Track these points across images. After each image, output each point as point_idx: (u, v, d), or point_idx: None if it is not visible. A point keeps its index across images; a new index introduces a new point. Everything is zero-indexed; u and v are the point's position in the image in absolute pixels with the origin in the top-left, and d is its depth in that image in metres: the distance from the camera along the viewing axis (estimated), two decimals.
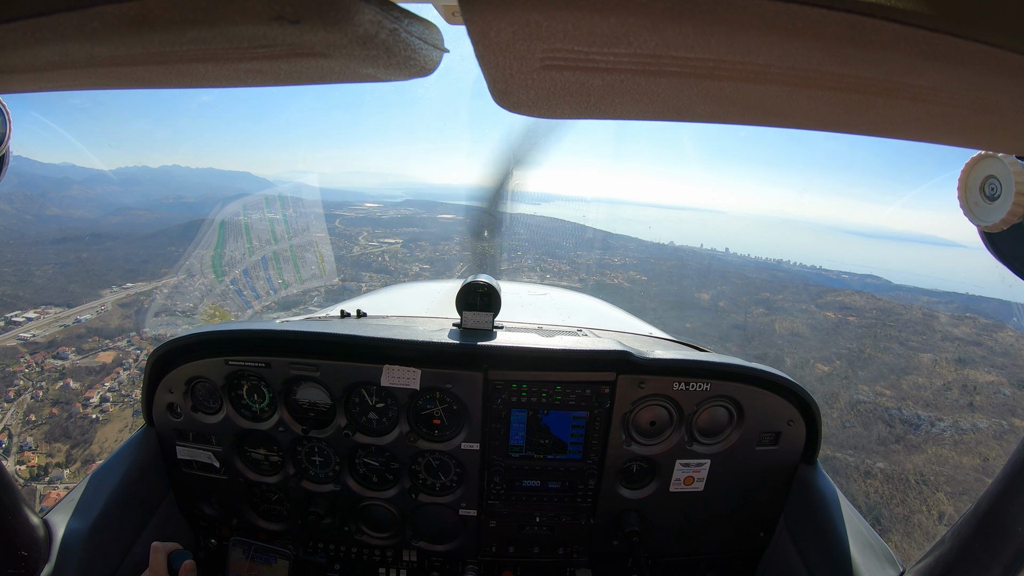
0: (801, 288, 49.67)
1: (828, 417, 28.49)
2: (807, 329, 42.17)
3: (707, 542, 2.61)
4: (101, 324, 33.49)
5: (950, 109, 0.61)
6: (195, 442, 2.48)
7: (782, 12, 0.44)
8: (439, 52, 0.74)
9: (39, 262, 40.63)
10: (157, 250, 44.03)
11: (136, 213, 55.66)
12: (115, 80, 0.75)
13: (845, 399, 32.48)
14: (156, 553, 1.84)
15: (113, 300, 36.05)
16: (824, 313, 43.66)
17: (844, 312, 43.58)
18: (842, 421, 30.57)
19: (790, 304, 46.11)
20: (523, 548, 2.57)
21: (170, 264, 39.74)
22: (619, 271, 51.69)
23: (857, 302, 44.98)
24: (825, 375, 35.57)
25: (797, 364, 36.72)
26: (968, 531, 1.55)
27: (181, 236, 43.20)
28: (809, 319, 43.27)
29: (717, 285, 50.53)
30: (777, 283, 51.12)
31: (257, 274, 10.21)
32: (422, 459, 2.44)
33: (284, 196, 10.02)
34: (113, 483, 2.19)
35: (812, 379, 34.07)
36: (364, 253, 47.09)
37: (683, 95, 0.64)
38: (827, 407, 29.12)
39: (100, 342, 32.03)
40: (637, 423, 2.36)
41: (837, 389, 33.55)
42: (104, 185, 67.16)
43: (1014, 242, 1.30)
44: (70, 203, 56.12)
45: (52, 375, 30.04)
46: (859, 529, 2.11)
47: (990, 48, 0.46)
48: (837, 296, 46.21)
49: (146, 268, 41.25)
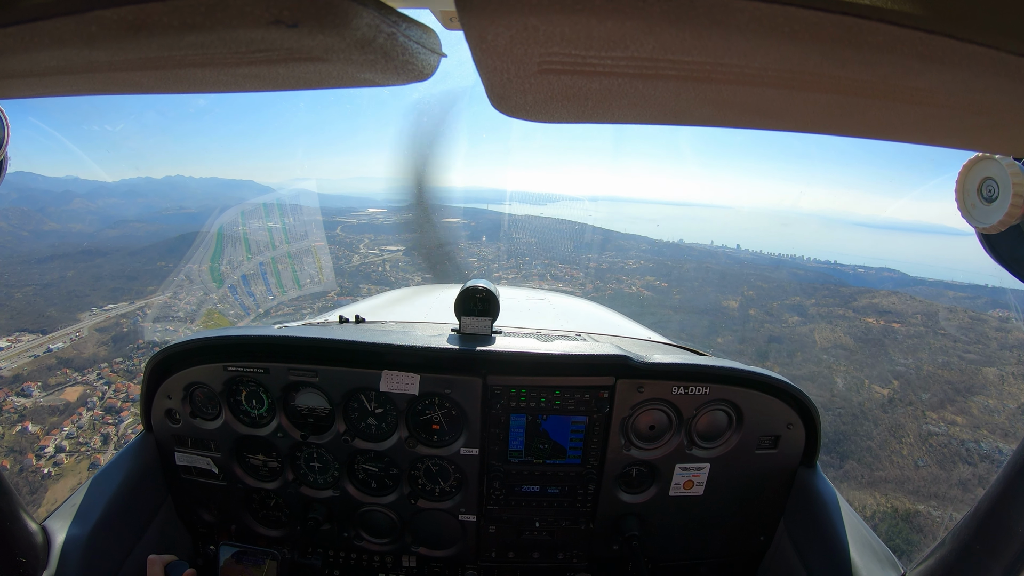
0: (832, 291, 46.31)
1: (898, 454, 25.27)
2: (850, 340, 37.62)
3: (707, 546, 2.60)
4: (74, 353, 31.04)
5: (947, 111, 0.61)
6: (194, 448, 2.47)
7: (778, 15, 0.44)
8: (437, 56, 0.74)
9: (21, 283, 38.49)
10: (146, 266, 42.04)
11: (134, 225, 54.14)
12: (113, 85, 0.75)
13: (914, 431, 27.19)
14: (153, 566, 1.83)
15: (91, 324, 33.74)
16: (864, 319, 39.96)
17: (886, 318, 39.90)
18: (914, 460, 25.40)
19: (825, 310, 42.50)
20: (523, 553, 2.56)
21: (158, 282, 37.77)
22: (635, 276, 48.76)
23: (896, 305, 41.39)
24: (886, 401, 29.94)
25: (851, 386, 31.96)
26: (969, 532, 1.54)
27: (171, 250, 41.77)
28: (850, 328, 39.20)
29: (743, 290, 46.89)
30: (807, 286, 47.86)
31: (256, 280, 10.20)
32: (421, 464, 2.44)
33: (283, 203, 10.04)
34: (112, 489, 2.18)
35: (874, 407, 29.20)
36: (364, 263, 45.69)
37: (680, 99, 0.64)
38: (896, 442, 25.71)
39: (69, 375, 29.65)
40: (636, 427, 2.36)
41: (903, 419, 28.03)
42: (106, 197, 65.79)
43: (1012, 244, 1.30)
44: (70, 217, 54.76)
45: (11, 417, 26.73)
46: (859, 531, 2.10)
47: (987, 50, 0.47)
48: (872, 298, 42.77)
49: (132, 287, 39.20)
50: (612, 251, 50.13)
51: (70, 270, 41.29)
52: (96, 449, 24.24)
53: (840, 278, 50.65)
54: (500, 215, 51.70)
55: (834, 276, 51.67)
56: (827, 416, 27.17)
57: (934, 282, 49.65)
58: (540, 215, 49.94)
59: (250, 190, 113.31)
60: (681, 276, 50.78)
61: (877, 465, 24.13)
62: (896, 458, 24.48)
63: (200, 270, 13.70)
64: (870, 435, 25.83)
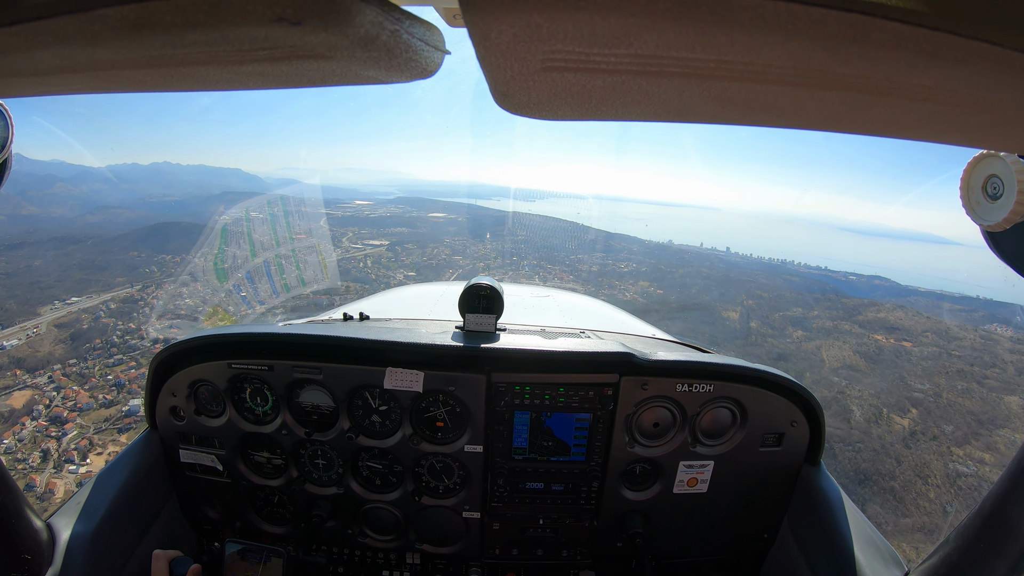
0: (834, 301, 43.87)
1: (924, 497, 23.15)
2: (860, 359, 35.00)
3: (711, 543, 2.61)
4: (28, 352, 28.56)
5: (952, 108, 0.61)
6: (198, 445, 2.48)
7: (783, 12, 0.44)
8: (440, 54, 0.74)
9: None
10: (118, 256, 39.29)
11: (116, 212, 51.79)
12: (117, 84, 0.75)
13: (940, 471, 24.94)
14: (158, 561, 1.84)
15: (50, 320, 31.08)
16: (872, 336, 37.50)
17: (895, 335, 37.52)
18: (942, 504, 23.08)
19: (829, 324, 39.98)
20: (527, 550, 2.57)
21: (127, 273, 35.88)
22: (629, 280, 46.79)
23: (903, 321, 38.95)
24: (907, 434, 27.37)
25: (869, 416, 29.14)
26: (973, 531, 1.54)
27: (144, 240, 39.79)
28: (859, 345, 35.98)
29: (742, 299, 44.54)
30: (807, 296, 45.38)
31: (260, 277, 10.20)
32: (425, 462, 2.44)
33: (286, 197, 10.02)
34: (116, 486, 2.19)
35: (895, 440, 26.68)
36: (345, 257, 43.01)
37: (684, 96, 0.64)
38: (922, 483, 23.52)
39: (19, 377, 27.08)
40: (640, 425, 2.36)
41: (927, 456, 25.80)
42: (90, 182, 62.99)
43: (1017, 241, 1.30)
44: (51, 201, 52.35)
45: None
46: (863, 529, 2.10)
47: (992, 46, 0.46)
48: (877, 312, 40.31)
49: (100, 278, 36.29)
50: (603, 252, 48.90)
51: (38, 258, 38.91)
52: (34, 468, 22.03)
53: (836, 286, 49.43)
54: (487, 210, 50.14)
55: (829, 284, 50.48)
56: (846, 451, 25.42)
57: (927, 292, 48.47)
58: (528, 212, 48.79)
59: (236, 178, 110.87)
60: (675, 282, 48.98)
61: (903, 510, 22.61)
62: (923, 502, 22.94)
63: (204, 266, 13.59)
64: (893, 474, 24.16)
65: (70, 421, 24.54)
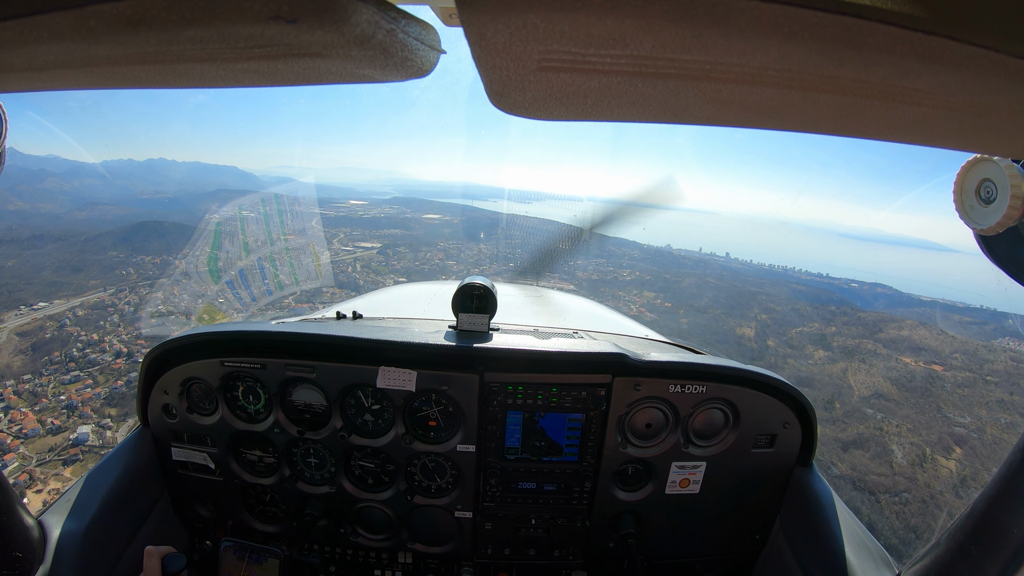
0: (851, 316, 41.34)
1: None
2: (892, 386, 32.45)
3: (703, 544, 2.61)
4: None
5: (946, 112, 0.61)
6: (190, 443, 2.47)
7: (778, 14, 0.44)
8: (436, 53, 0.74)
9: None
10: (95, 256, 37.77)
11: (105, 208, 50.16)
12: (112, 80, 0.74)
13: None
14: (150, 557, 1.83)
15: (13, 327, 29.32)
16: (900, 359, 35.32)
17: (923, 358, 35.19)
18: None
19: (851, 342, 37.87)
20: (519, 550, 2.57)
21: (103, 275, 34.11)
22: (632, 289, 44.79)
23: (927, 340, 36.70)
24: (958, 481, 24.65)
25: (912, 459, 26.55)
26: (964, 533, 1.55)
27: (124, 240, 38.29)
28: (887, 369, 34.26)
29: (755, 313, 42.28)
30: (821, 309, 43.06)
31: (253, 276, 10.15)
32: (418, 461, 2.44)
33: (280, 196, 9.98)
34: (108, 484, 2.18)
35: (944, 488, 24.20)
36: (333, 260, 41.26)
37: (679, 97, 0.64)
38: None
39: None
40: (633, 425, 2.36)
41: None
42: (83, 178, 60.88)
43: (1010, 245, 1.31)
44: (40, 197, 50.50)
45: None
46: (855, 531, 2.11)
47: (986, 51, 0.46)
48: (900, 330, 38.12)
49: (73, 281, 34.70)
50: (603, 257, 47.38)
51: (12, 259, 37.26)
52: None
53: (841, 295, 47.90)
54: (482, 211, 49.22)
55: (835, 292, 48.78)
56: (893, 504, 23.42)
57: (931, 301, 47.21)
58: (525, 213, 48.13)
59: (231, 176, 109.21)
60: (681, 292, 46.73)
61: None
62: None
63: (197, 264, 13.43)
64: None
65: (11, 451, 23.04)
